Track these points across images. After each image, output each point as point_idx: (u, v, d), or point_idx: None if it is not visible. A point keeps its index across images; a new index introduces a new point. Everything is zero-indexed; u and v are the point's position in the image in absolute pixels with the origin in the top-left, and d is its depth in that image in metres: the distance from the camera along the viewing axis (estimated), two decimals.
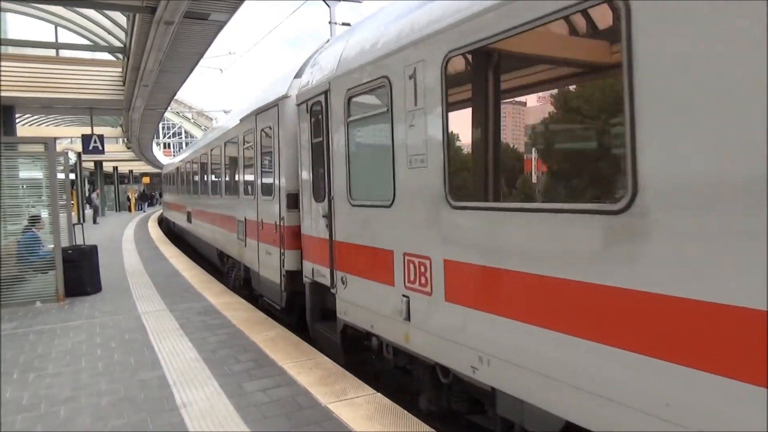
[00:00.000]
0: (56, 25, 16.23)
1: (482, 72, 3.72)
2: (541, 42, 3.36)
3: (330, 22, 18.49)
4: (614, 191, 2.89)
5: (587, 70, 3.52)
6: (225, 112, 43.41)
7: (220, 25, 10.57)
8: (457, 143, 4.06)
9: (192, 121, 72.07)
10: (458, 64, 3.95)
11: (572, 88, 3.71)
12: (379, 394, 4.79)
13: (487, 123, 3.68)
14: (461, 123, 3.95)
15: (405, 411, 4.44)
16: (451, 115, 3.95)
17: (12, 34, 16.85)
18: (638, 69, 2.56)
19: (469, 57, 3.83)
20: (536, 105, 3.78)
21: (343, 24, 18.92)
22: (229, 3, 9.47)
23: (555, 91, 3.69)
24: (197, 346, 6.39)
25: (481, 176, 3.78)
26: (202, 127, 63.66)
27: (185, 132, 74.29)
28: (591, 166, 3.43)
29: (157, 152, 45.94)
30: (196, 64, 13.52)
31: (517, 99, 3.94)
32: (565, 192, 3.64)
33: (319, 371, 5.39)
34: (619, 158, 2.84)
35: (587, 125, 3.40)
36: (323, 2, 18.41)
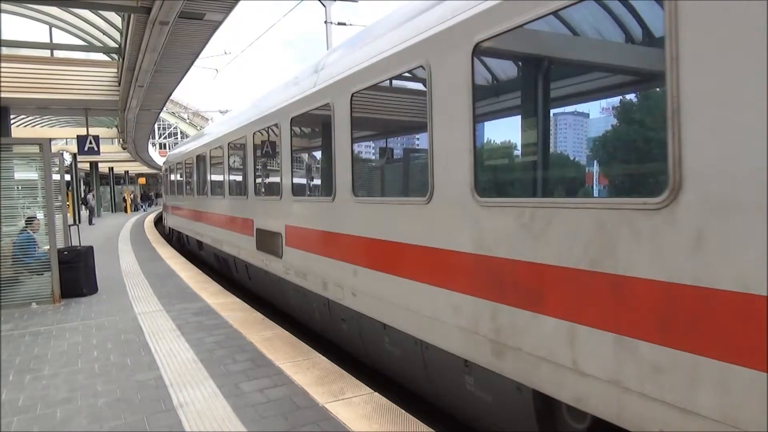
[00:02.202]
0: (51, 25, 16.17)
1: None
2: None
3: (326, 22, 18.51)
4: None
5: None
6: (221, 112, 43.35)
7: (216, 26, 10.55)
8: None
9: (188, 121, 71.95)
10: None
11: None
12: (376, 393, 4.80)
13: None
14: None
15: (403, 410, 4.44)
16: None
17: (6, 34, 16.73)
18: None
19: None
20: None
21: (339, 24, 18.95)
22: (224, 3, 9.47)
23: None
24: (194, 347, 6.37)
25: None
26: (198, 128, 63.51)
27: (181, 132, 74.11)
28: None
29: (153, 153, 45.83)
30: (192, 64, 13.50)
31: None
32: None
33: (316, 371, 5.39)
34: None
35: None
36: (319, 2, 18.42)
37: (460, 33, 4.07)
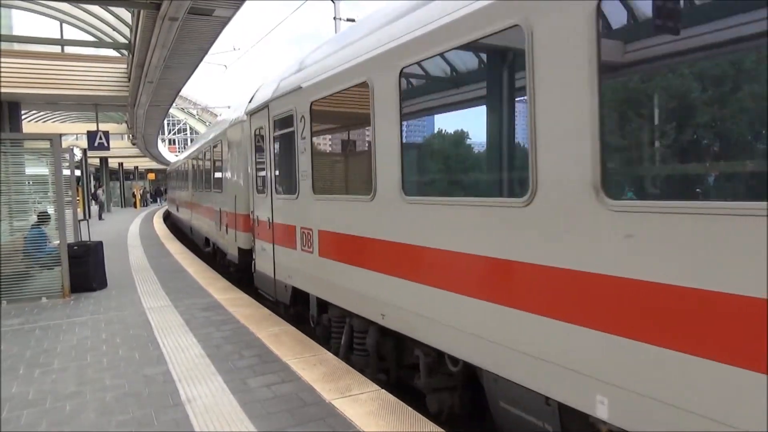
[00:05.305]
0: (61, 21, 16.27)
1: None
2: None
3: (335, 18, 18.48)
4: None
5: None
6: (230, 108, 43.51)
7: (225, 21, 10.56)
8: None
9: (197, 117, 72.18)
10: None
11: None
12: (383, 390, 4.79)
13: None
14: None
15: (409, 408, 4.43)
16: None
17: (18, 30, 16.89)
18: None
19: None
20: None
21: (348, 20, 18.89)
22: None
23: None
24: (202, 342, 6.40)
25: None
26: (207, 123, 63.72)
27: (190, 128, 74.39)
28: None
29: (162, 148, 46.10)
30: (201, 60, 13.53)
31: None
32: None
33: (323, 367, 5.39)
34: None
35: None
36: None
37: None
